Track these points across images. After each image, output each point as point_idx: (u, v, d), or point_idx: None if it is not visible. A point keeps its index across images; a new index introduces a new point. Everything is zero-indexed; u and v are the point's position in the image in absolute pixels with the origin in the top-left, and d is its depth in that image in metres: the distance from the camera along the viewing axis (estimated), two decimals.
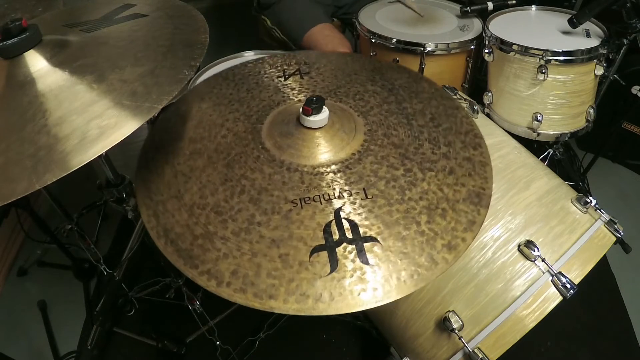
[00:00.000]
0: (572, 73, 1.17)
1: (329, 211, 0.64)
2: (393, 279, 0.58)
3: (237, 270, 0.59)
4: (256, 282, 0.58)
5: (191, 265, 0.60)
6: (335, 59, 0.96)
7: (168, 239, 0.64)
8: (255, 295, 0.57)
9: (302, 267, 0.59)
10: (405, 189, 0.68)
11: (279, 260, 0.60)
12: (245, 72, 0.93)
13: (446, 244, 0.62)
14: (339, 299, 0.56)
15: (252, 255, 0.61)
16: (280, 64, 0.93)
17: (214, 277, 0.59)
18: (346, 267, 0.59)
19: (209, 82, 0.91)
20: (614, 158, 1.86)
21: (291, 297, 0.57)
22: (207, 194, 0.68)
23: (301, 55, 0.96)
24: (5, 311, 1.46)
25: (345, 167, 0.71)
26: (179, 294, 1.24)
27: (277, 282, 0.58)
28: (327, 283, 0.57)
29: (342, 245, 0.61)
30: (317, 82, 0.89)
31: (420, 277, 0.59)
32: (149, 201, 0.69)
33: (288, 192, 0.67)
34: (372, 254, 0.60)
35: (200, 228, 0.64)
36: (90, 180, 0.91)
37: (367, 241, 0.61)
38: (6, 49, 0.64)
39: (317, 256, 0.60)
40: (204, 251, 0.62)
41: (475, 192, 0.68)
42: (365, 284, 0.57)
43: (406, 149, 0.74)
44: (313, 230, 0.62)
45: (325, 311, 0.56)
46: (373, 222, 0.63)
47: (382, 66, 0.93)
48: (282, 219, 0.64)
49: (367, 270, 0.58)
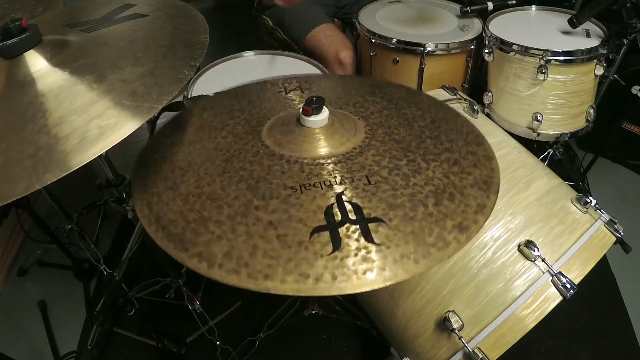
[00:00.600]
0: (572, 73, 1.17)
1: (330, 195, 0.61)
2: (402, 259, 0.54)
3: (231, 251, 0.55)
4: (251, 262, 0.54)
5: (181, 249, 0.57)
6: (335, 79, 0.97)
7: (159, 225, 0.60)
8: (250, 275, 0.53)
9: (301, 247, 0.55)
10: (410, 176, 0.64)
11: (276, 240, 0.56)
12: (247, 89, 0.93)
13: (457, 225, 0.58)
14: (342, 278, 0.52)
15: (248, 237, 0.57)
16: (281, 84, 0.94)
17: (205, 259, 0.55)
18: (350, 247, 0.55)
19: (211, 97, 0.92)
20: (614, 158, 1.86)
21: (289, 277, 0.53)
22: (203, 185, 0.66)
23: (302, 77, 0.96)
24: (5, 311, 1.46)
25: (347, 159, 0.68)
26: (179, 294, 1.24)
27: (274, 262, 0.54)
28: (328, 262, 0.54)
29: (345, 225, 0.57)
30: (317, 94, 0.89)
31: (432, 257, 0.55)
32: (145, 194, 0.67)
33: (287, 180, 0.64)
34: (378, 234, 0.56)
35: (194, 214, 0.61)
36: (90, 180, 0.91)
37: (371, 221, 0.58)
38: (6, 49, 0.64)
39: (318, 236, 0.56)
40: (197, 235, 0.58)
41: (482, 179, 0.65)
42: (371, 264, 0.54)
43: (408, 144, 0.72)
44: (313, 212, 0.59)
45: (328, 291, 0.52)
46: (377, 204, 0.60)
47: (381, 83, 0.93)
48: (280, 202, 0.61)
49: (372, 249, 0.55)
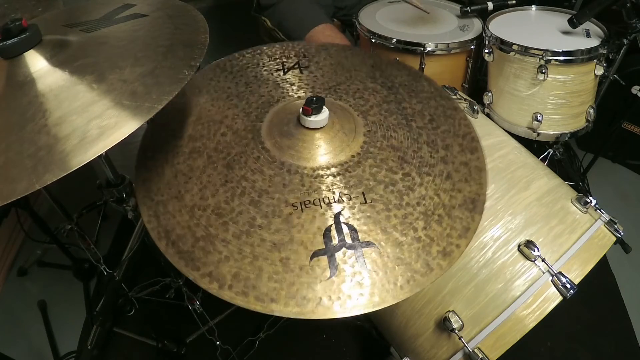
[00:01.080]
0: (572, 73, 1.17)
1: (328, 215, 0.65)
2: (390, 285, 0.59)
3: (239, 273, 0.60)
4: (257, 285, 0.59)
5: (193, 268, 0.61)
6: (335, 53, 0.95)
7: (169, 241, 0.64)
8: (257, 298, 0.58)
9: (302, 271, 0.60)
10: (404, 193, 0.69)
11: (279, 264, 0.60)
12: (243, 63, 0.91)
13: (441, 250, 0.63)
14: (338, 302, 0.57)
15: (253, 258, 0.61)
16: (279, 56, 0.93)
17: (216, 279, 0.59)
18: (345, 272, 0.60)
19: (205, 73, 0.90)
20: (614, 158, 1.86)
21: (292, 301, 0.57)
22: (207, 195, 0.68)
23: (300, 47, 0.95)
24: (5, 311, 1.46)
25: (345, 170, 0.71)
26: (179, 294, 1.24)
27: (278, 286, 0.58)
28: (326, 287, 0.58)
29: (342, 250, 0.62)
30: (316, 77, 0.88)
31: (416, 282, 0.60)
32: (150, 201, 0.69)
33: (289, 194, 0.67)
34: (370, 259, 0.61)
35: (201, 230, 0.64)
36: (90, 180, 0.91)
37: (365, 246, 0.62)
38: (6, 49, 0.64)
39: (317, 260, 0.61)
40: (206, 253, 0.62)
41: (470, 198, 0.69)
42: (363, 289, 0.59)
43: (405, 151, 0.74)
44: (313, 234, 0.63)
45: (325, 315, 0.57)
46: (371, 228, 0.64)
47: (382, 62, 0.93)
48: (282, 222, 0.64)
49: (365, 275, 0.60)
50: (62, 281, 1.50)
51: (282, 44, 0.96)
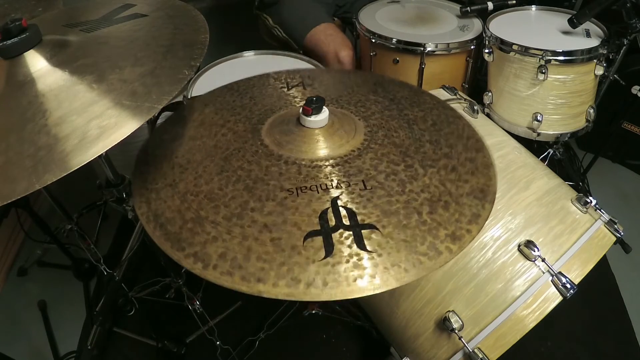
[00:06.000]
0: (572, 73, 1.17)
1: (325, 199, 0.62)
2: (393, 267, 0.55)
3: (226, 253, 0.57)
4: (245, 265, 0.55)
5: (178, 248, 0.58)
6: (338, 75, 0.96)
7: (157, 223, 0.62)
8: (243, 278, 0.54)
9: (294, 252, 0.56)
10: (406, 182, 0.65)
11: (270, 244, 0.57)
12: (250, 84, 0.93)
13: (450, 234, 0.59)
14: (333, 284, 0.54)
15: (243, 238, 0.58)
16: (284, 78, 0.94)
17: (200, 259, 0.56)
18: (342, 253, 0.56)
19: (213, 92, 0.91)
20: (614, 158, 1.86)
21: (281, 281, 0.54)
22: (202, 183, 0.66)
23: (304, 71, 0.96)
24: (5, 311, 1.47)
25: (345, 162, 0.69)
26: (179, 294, 1.24)
27: (267, 266, 0.55)
28: (320, 268, 0.55)
29: (339, 231, 0.58)
30: (319, 92, 0.88)
31: (423, 265, 0.56)
32: (144, 190, 0.67)
33: (284, 182, 0.65)
34: (370, 241, 0.57)
35: (191, 213, 0.62)
36: (90, 180, 0.91)
37: (364, 228, 0.58)
38: (6, 49, 0.64)
39: (312, 241, 0.57)
40: (193, 234, 0.59)
41: (479, 187, 0.65)
42: (362, 271, 0.55)
43: (407, 148, 0.72)
44: (308, 216, 0.60)
45: (318, 297, 0.53)
46: (371, 211, 0.61)
47: (384, 80, 0.93)
48: (276, 205, 0.62)
49: (364, 257, 0.56)
50: (62, 281, 1.50)
51: (289, 71, 0.97)
